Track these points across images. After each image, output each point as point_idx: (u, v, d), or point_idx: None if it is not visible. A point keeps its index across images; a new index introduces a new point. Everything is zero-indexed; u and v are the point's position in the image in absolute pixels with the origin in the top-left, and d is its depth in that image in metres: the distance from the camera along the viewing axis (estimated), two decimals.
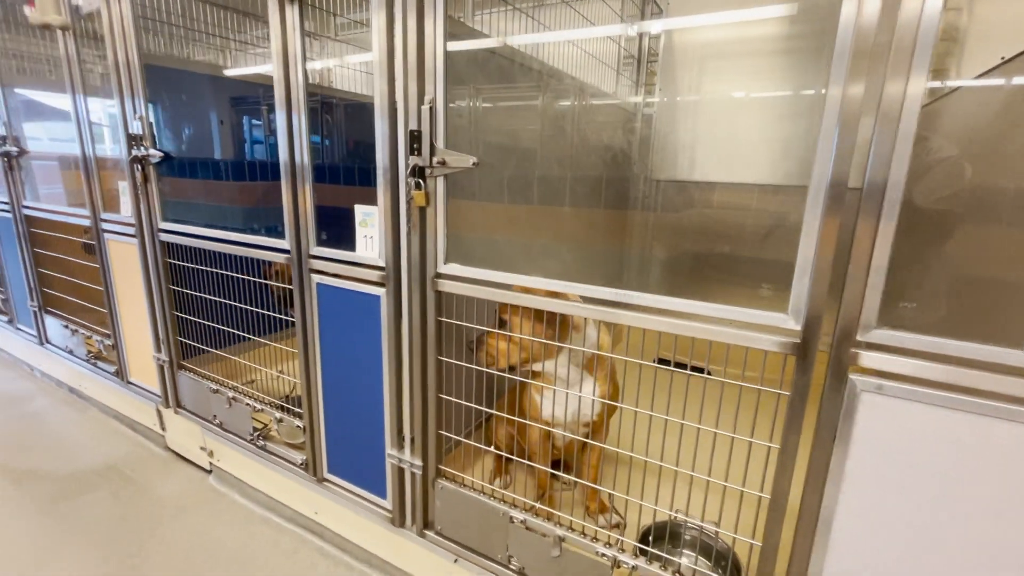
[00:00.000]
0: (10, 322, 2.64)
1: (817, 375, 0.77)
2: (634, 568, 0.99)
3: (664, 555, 0.99)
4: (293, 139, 1.24)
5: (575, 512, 1.31)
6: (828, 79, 0.68)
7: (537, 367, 1.17)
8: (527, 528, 1.11)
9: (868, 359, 0.73)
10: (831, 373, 0.76)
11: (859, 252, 0.70)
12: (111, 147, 1.81)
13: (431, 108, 1.01)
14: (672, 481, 0.98)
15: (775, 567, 0.87)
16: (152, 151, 1.60)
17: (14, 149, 2.18)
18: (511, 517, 1.13)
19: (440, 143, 1.03)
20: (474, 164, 1.00)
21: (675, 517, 1.00)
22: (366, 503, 1.39)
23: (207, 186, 1.70)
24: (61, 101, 1.89)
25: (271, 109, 1.28)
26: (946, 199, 0.73)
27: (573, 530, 1.07)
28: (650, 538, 1.12)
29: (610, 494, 1.28)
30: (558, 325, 1.08)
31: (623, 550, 1.02)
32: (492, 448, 1.39)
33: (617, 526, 1.25)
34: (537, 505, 1.13)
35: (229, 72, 2.09)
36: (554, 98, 1.96)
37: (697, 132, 2.49)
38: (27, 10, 1.64)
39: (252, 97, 2.01)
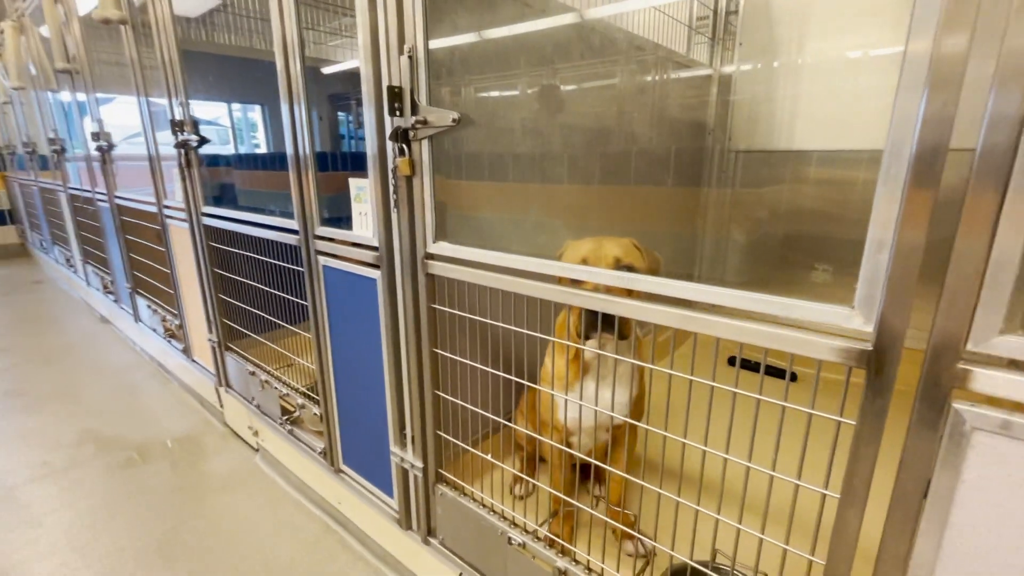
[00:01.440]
0: (115, 301, 2.95)
1: (901, 400, 0.52)
2: None
3: None
4: (296, 126, 1.15)
5: (595, 534, 1.12)
6: None
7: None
8: (524, 550, 0.94)
9: (984, 381, 0.47)
10: (922, 399, 0.50)
11: (969, 229, 0.44)
12: (166, 142, 1.88)
13: (411, 58, 0.86)
14: (714, 513, 0.76)
15: None
16: (191, 136, 1.62)
17: (105, 144, 2.38)
18: (509, 538, 0.97)
19: (423, 99, 0.87)
20: (454, 121, 0.83)
21: (707, 559, 0.78)
22: (376, 500, 1.31)
23: (248, 175, 1.70)
24: (132, 99, 2.01)
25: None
26: None
27: (578, 563, 0.89)
28: None
29: (632, 517, 1.07)
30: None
31: None
32: (513, 450, 1.24)
33: (644, 558, 1.04)
34: (537, 528, 0.96)
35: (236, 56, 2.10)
36: (603, 61, 1.72)
37: (790, 94, 2.09)
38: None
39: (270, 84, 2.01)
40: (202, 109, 1.68)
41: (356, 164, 1.21)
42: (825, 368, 0.56)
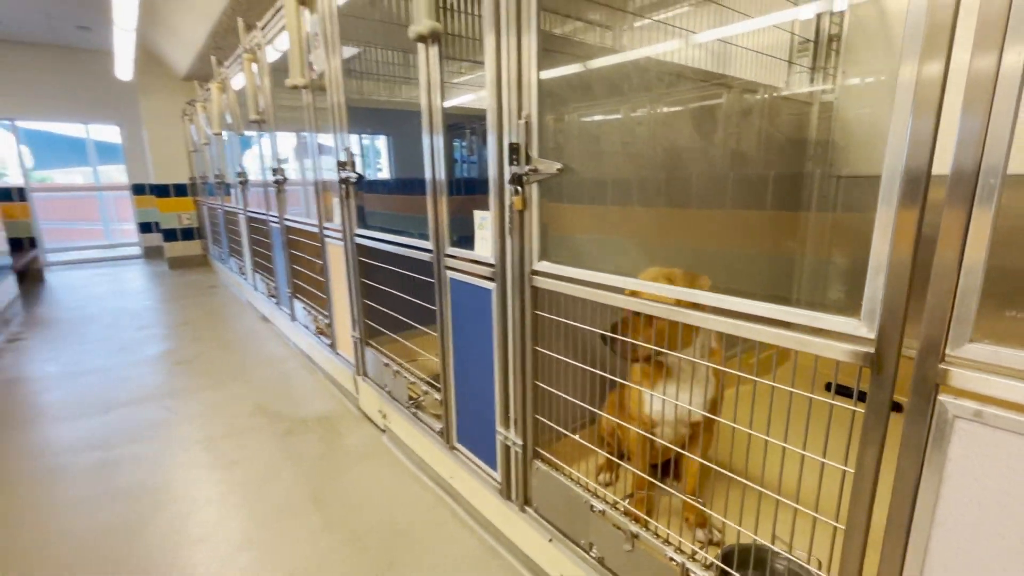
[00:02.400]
0: (277, 304, 3.61)
1: (902, 393, 0.66)
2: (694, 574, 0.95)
3: (728, 571, 0.92)
4: (435, 158, 1.49)
5: (673, 521, 1.28)
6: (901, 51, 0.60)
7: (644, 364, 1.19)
8: (604, 518, 1.14)
9: (961, 378, 0.60)
10: (915, 392, 0.64)
11: (946, 248, 0.59)
12: (330, 172, 2.37)
13: (527, 123, 1.13)
14: (773, 506, 0.91)
15: None
16: (352, 173, 2.06)
17: (281, 177, 3.00)
18: (591, 505, 1.17)
19: (535, 153, 1.14)
20: (558, 170, 1.09)
21: (758, 543, 0.92)
22: (483, 473, 1.57)
23: (383, 199, 2.11)
24: (303, 140, 2.56)
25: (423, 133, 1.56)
26: None
27: (648, 529, 1.07)
28: (733, 560, 1.04)
29: (700, 508, 1.21)
30: (681, 325, 1.09)
31: (695, 560, 0.98)
32: (601, 446, 1.43)
33: (713, 543, 1.18)
34: (616, 499, 1.15)
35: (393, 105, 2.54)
36: (697, 98, 1.88)
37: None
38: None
39: (413, 124, 2.43)
40: (353, 145, 2.13)
41: (469, 189, 1.51)
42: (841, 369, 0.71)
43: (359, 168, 2.09)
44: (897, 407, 0.63)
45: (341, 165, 2.10)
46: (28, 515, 1.78)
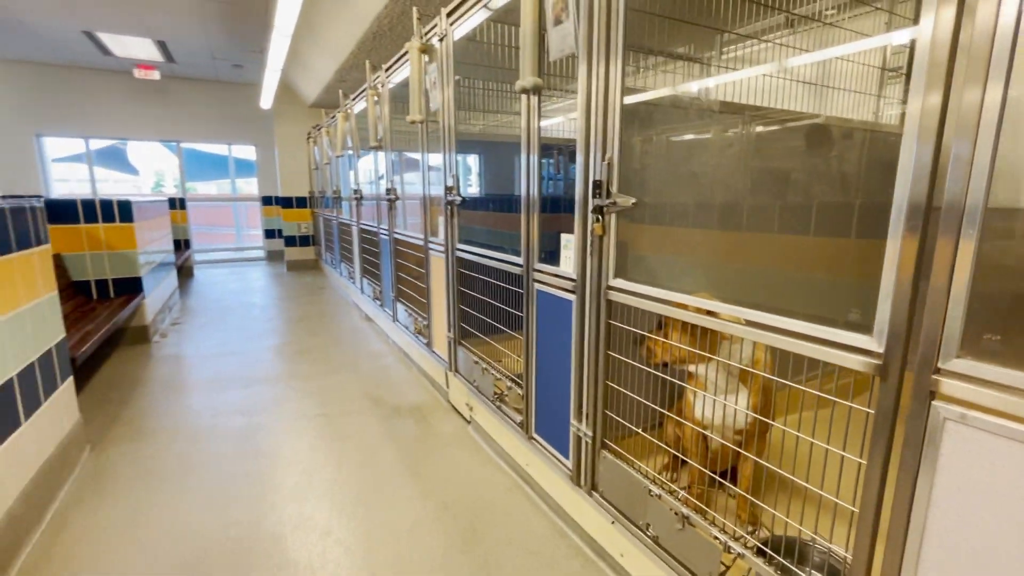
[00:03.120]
0: (381, 306, 4.10)
1: (905, 398, 0.81)
2: (739, 555, 1.11)
3: (771, 553, 1.07)
4: (529, 186, 1.77)
5: (727, 519, 1.42)
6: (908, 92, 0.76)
7: (691, 368, 1.37)
8: (661, 501, 1.32)
9: (950, 387, 0.75)
10: (914, 397, 0.79)
11: (938, 276, 0.75)
12: (434, 191, 2.75)
13: (608, 163, 1.37)
14: (813, 503, 1.06)
15: None
16: (456, 197, 2.41)
17: (394, 196, 3.46)
18: (649, 490, 1.36)
19: (615, 188, 1.37)
20: (633, 204, 1.31)
21: (799, 537, 1.07)
22: (556, 461, 1.80)
23: (479, 216, 2.43)
24: (413, 163, 2.97)
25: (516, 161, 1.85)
26: None
27: (697, 513, 1.24)
28: (770, 545, 1.18)
29: (756, 507, 1.34)
30: (708, 337, 1.27)
31: (736, 540, 1.14)
32: (666, 446, 1.61)
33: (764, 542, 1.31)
34: (672, 486, 1.33)
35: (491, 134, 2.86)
36: (781, 120, 2.01)
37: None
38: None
39: (506, 150, 2.74)
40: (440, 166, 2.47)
41: (553, 209, 1.76)
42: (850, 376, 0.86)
43: (462, 191, 2.43)
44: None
45: (448, 190, 2.45)
46: (195, 459, 2.27)
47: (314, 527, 1.82)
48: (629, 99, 1.37)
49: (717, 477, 1.35)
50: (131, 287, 3.80)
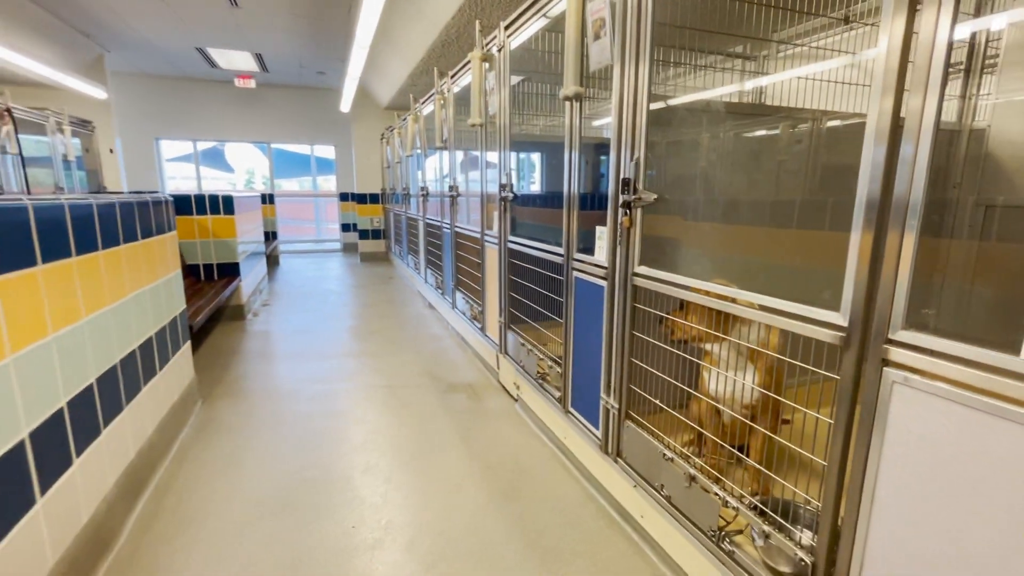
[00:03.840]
0: (442, 294, 4.43)
1: (865, 366, 0.94)
2: (736, 510, 1.26)
3: (763, 508, 1.22)
4: (570, 185, 1.97)
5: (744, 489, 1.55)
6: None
7: (707, 347, 1.52)
8: (673, 464, 1.49)
9: (897, 355, 0.88)
10: (869, 363, 0.92)
11: (888, 262, 0.88)
12: (491, 188, 3.00)
13: (636, 162, 1.55)
14: (820, 475, 1.20)
15: (836, 535, 1.03)
16: (510, 193, 2.65)
17: (455, 193, 3.76)
18: (663, 454, 1.53)
19: (641, 186, 1.55)
20: (655, 199, 1.48)
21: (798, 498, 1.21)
22: (588, 431, 1.99)
23: (528, 211, 2.65)
24: (473, 161, 3.24)
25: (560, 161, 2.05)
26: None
27: (702, 473, 1.40)
28: (769, 507, 1.31)
29: (768, 479, 1.48)
30: (721, 319, 1.42)
31: (733, 496, 1.29)
32: (690, 422, 1.76)
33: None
34: (681, 449, 1.49)
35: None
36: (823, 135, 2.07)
37: None
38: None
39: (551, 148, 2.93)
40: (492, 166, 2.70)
41: (589, 203, 1.94)
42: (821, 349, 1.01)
43: (515, 188, 2.67)
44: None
45: (502, 187, 2.70)
46: (282, 414, 2.67)
47: (379, 473, 2.13)
48: (655, 105, 1.54)
49: (727, 446, 1.49)
50: (231, 271, 4.38)
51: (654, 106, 1.51)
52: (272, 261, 8.04)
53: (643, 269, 1.59)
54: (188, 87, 8.43)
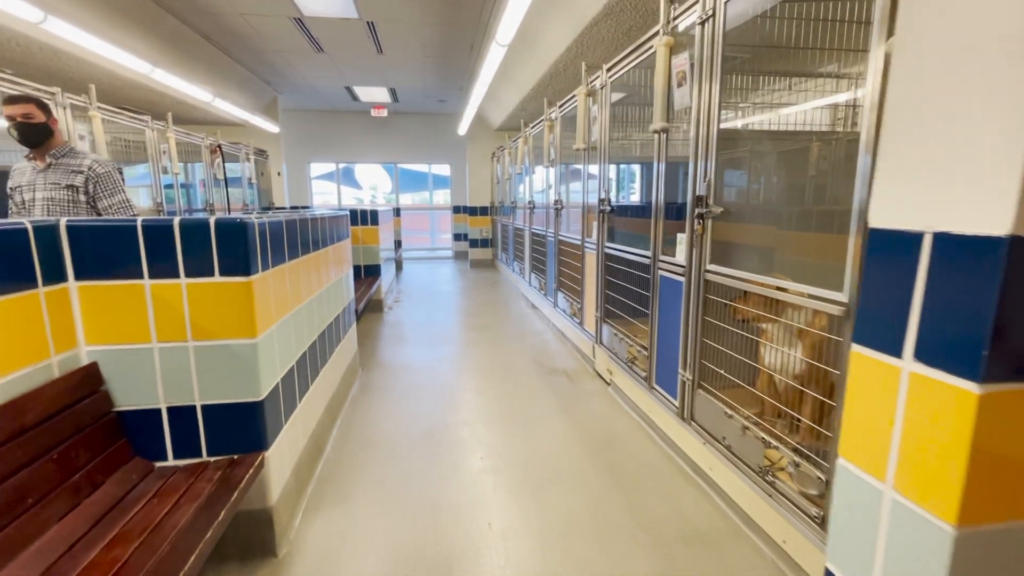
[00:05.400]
0: (544, 295, 5.01)
1: None
2: (774, 447, 1.64)
3: (797, 445, 1.59)
4: (656, 199, 2.42)
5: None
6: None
7: (764, 326, 1.90)
8: (732, 420, 1.88)
9: None
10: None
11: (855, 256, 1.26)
12: (590, 200, 3.51)
13: (708, 183, 1.98)
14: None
15: None
16: (607, 206, 3.14)
17: (560, 205, 4.32)
18: (726, 412, 1.92)
19: (711, 201, 1.97)
20: (721, 211, 1.90)
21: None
22: (668, 402, 2.41)
23: (621, 220, 3.12)
24: (575, 176, 3.77)
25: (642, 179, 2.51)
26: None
27: (756, 424, 1.78)
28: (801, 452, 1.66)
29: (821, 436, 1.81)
30: (773, 304, 1.80)
31: (775, 439, 1.67)
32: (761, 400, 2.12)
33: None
34: (738, 407, 1.88)
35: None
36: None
37: None
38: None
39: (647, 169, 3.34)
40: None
41: (667, 214, 2.37)
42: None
43: (611, 201, 3.16)
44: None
45: (601, 200, 3.20)
46: (416, 383, 3.39)
47: (497, 428, 2.73)
48: (723, 128, 1.96)
49: (782, 407, 1.85)
50: (374, 271, 5.33)
51: (724, 129, 1.94)
52: (397, 266, 9.21)
53: (713, 267, 2.01)
54: (333, 117, 9.99)
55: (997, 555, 0.75)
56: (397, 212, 9.21)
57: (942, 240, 0.75)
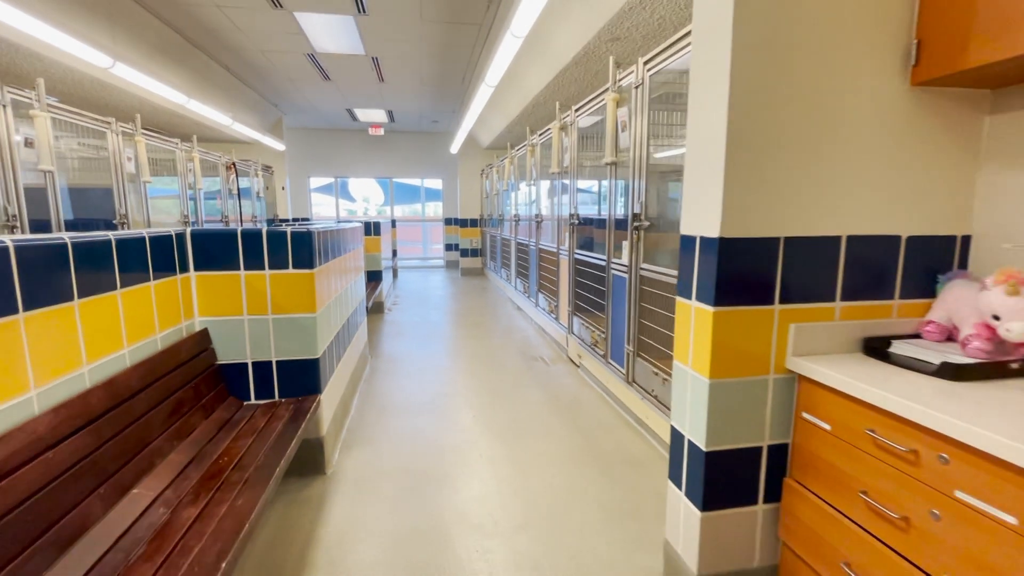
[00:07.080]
0: (528, 297, 5.70)
1: None
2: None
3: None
4: (610, 213, 3.14)
5: None
6: None
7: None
8: (656, 376, 2.58)
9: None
10: None
11: None
12: (562, 212, 4.22)
13: (642, 202, 2.70)
14: None
15: None
16: (576, 219, 3.86)
17: (540, 219, 5.04)
18: (653, 371, 2.62)
19: (643, 216, 2.69)
20: (649, 224, 2.62)
21: None
22: (618, 371, 3.11)
23: (587, 229, 3.84)
24: (551, 190, 4.49)
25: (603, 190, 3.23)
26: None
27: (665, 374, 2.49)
28: None
29: None
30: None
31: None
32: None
33: None
34: (661, 367, 2.58)
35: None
36: None
37: None
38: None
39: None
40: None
41: (618, 225, 3.09)
42: None
43: (579, 216, 3.87)
44: None
45: (571, 215, 3.92)
46: (416, 368, 4.05)
47: (487, 397, 3.40)
48: (654, 160, 2.69)
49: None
50: (376, 277, 5.99)
51: (654, 160, 2.67)
52: (393, 273, 9.86)
53: (644, 266, 2.72)
54: (333, 135, 10.67)
55: (727, 392, 1.44)
56: (393, 224, 9.88)
57: (703, 240, 1.44)
